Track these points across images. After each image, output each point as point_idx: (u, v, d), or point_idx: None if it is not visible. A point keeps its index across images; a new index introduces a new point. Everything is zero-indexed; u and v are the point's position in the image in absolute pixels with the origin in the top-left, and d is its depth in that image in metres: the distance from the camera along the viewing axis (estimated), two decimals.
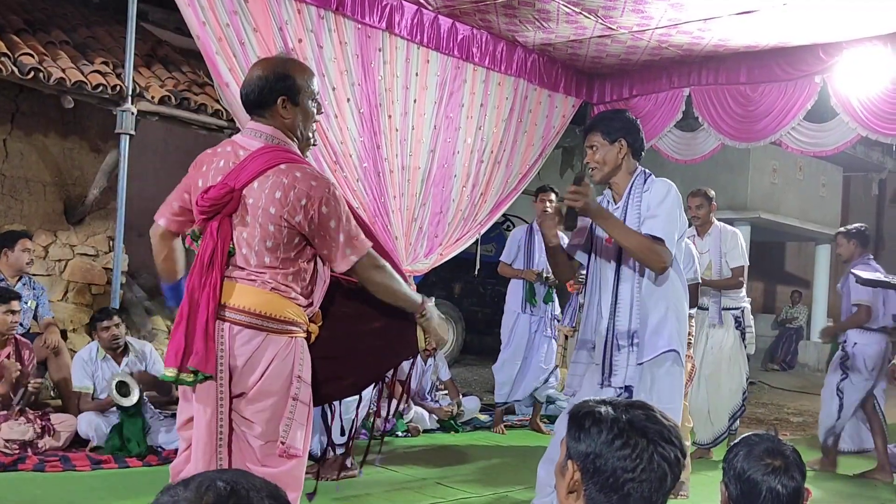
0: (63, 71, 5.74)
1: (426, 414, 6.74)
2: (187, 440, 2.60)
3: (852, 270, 5.83)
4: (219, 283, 2.49)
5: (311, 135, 2.71)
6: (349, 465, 4.09)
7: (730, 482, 2.01)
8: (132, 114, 5.82)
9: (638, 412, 1.63)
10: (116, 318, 5.49)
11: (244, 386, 2.51)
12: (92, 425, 5.25)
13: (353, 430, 3.35)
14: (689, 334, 5.17)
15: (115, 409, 5.27)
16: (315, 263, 2.64)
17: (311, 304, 2.64)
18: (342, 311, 2.79)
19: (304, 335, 2.64)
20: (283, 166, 2.50)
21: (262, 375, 2.51)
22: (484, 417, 7.26)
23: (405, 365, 3.10)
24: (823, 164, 12.96)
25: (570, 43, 7.47)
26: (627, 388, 3.41)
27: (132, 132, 5.84)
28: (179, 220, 2.67)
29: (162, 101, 6.13)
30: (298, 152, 2.63)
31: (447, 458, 5.78)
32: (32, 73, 5.54)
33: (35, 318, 5.92)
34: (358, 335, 2.81)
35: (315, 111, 2.69)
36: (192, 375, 2.46)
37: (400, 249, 6.80)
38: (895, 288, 5.40)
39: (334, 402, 2.97)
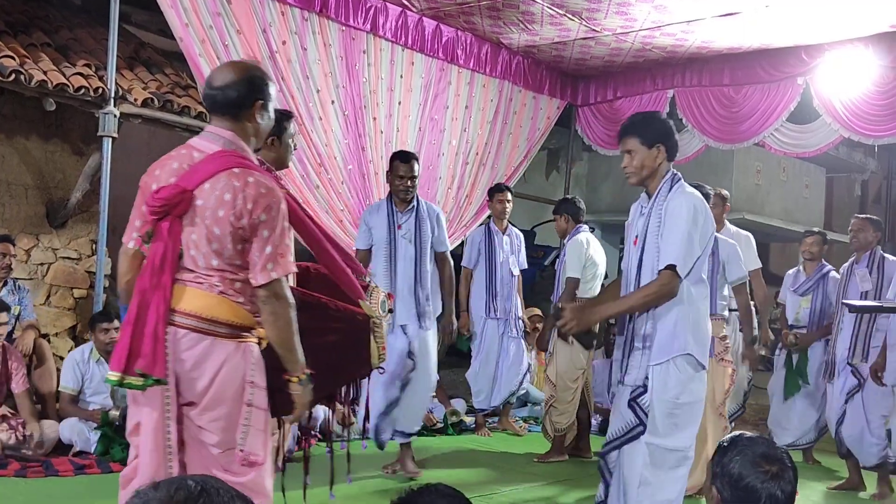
0: (45, 73, 5.70)
1: None
2: (137, 447, 2.54)
3: (844, 301, 5.63)
4: (170, 286, 2.45)
5: (262, 141, 2.73)
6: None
7: (723, 487, 1.98)
8: (115, 116, 5.77)
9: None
10: (117, 322, 5.42)
11: (193, 394, 2.46)
12: (75, 430, 5.20)
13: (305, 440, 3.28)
14: (725, 338, 5.21)
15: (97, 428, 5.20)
16: None
17: (259, 314, 2.57)
18: (299, 323, 2.68)
19: (256, 341, 2.58)
20: (236, 170, 2.48)
21: (211, 382, 2.46)
22: (470, 420, 7.25)
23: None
24: (807, 166, 13.05)
25: (555, 45, 7.49)
26: (644, 387, 3.40)
27: (115, 135, 5.79)
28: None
29: (145, 104, 6.09)
30: (254, 160, 2.63)
31: (433, 462, 5.77)
32: (13, 76, 5.49)
33: (17, 319, 5.86)
34: (312, 349, 2.70)
35: (273, 119, 2.72)
36: (141, 379, 2.39)
37: None
38: (889, 311, 5.21)
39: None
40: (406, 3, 6.67)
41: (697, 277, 3.43)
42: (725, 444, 2.05)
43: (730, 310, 5.56)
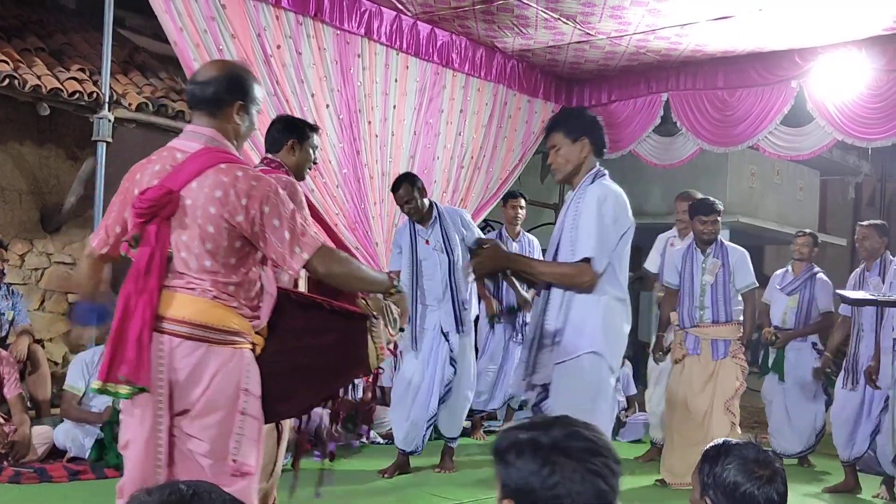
0: (39, 78, 5.69)
1: None
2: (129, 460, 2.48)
3: (838, 292, 5.64)
4: (156, 290, 2.37)
5: (244, 143, 2.67)
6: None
7: (717, 497, 1.95)
8: (109, 121, 5.77)
9: (557, 431, 1.56)
10: None
11: (187, 402, 2.39)
12: (69, 436, 5.18)
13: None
14: (740, 338, 5.38)
15: (103, 426, 5.16)
16: (260, 276, 2.53)
17: (257, 318, 2.52)
18: (292, 325, 2.66)
19: (250, 346, 2.52)
20: (223, 165, 2.42)
21: (205, 389, 2.39)
22: (465, 423, 7.24)
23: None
24: (801, 168, 13.06)
25: (549, 49, 7.50)
26: (545, 387, 3.33)
27: (109, 139, 5.78)
28: (116, 242, 2.57)
29: (139, 108, 6.08)
30: (238, 154, 2.56)
31: (427, 464, 5.76)
32: (7, 81, 5.48)
33: (12, 325, 5.84)
34: (308, 350, 2.67)
35: (255, 124, 2.67)
36: (126, 387, 2.33)
37: (381, 255, 6.78)
38: (886, 304, 5.16)
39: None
40: (400, 7, 6.67)
41: (613, 277, 3.31)
42: (712, 453, 2.01)
43: None
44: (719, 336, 5.41)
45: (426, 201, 5.40)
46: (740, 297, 5.50)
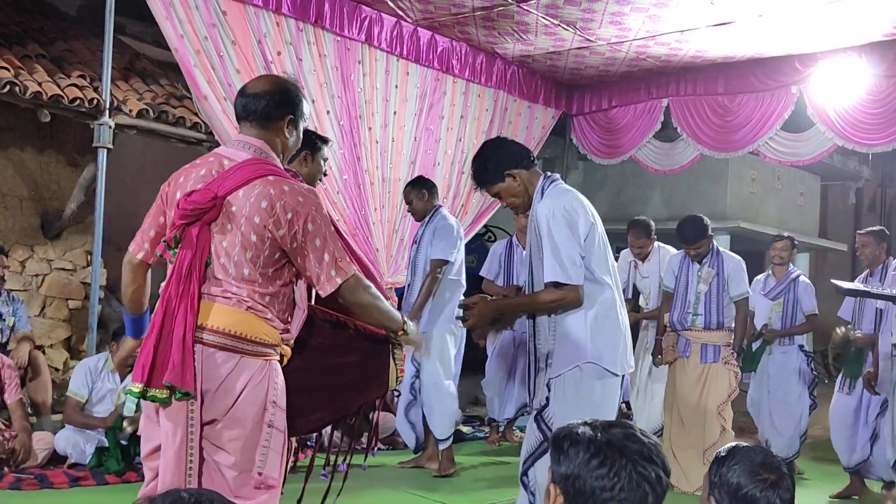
0: (39, 84, 5.69)
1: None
2: (154, 470, 2.46)
3: (832, 281, 5.72)
4: (197, 294, 2.37)
5: (289, 157, 2.72)
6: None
7: (722, 497, 1.96)
8: (110, 127, 5.77)
9: (616, 431, 1.61)
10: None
11: (216, 412, 2.38)
12: (70, 442, 5.17)
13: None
14: (729, 344, 5.46)
15: (107, 431, 5.14)
16: (293, 290, 2.55)
17: (287, 331, 2.54)
18: (319, 343, 2.69)
19: (278, 358, 2.53)
20: (271, 178, 2.44)
21: (235, 401, 2.38)
22: (467, 429, 7.23)
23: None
24: (801, 174, 13.06)
25: (550, 55, 7.51)
26: (546, 400, 3.34)
27: (110, 146, 5.79)
28: (152, 246, 2.58)
29: (140, 115, 6.09)
30: (282, 169, 2.58)
31: (428, 472, 5.74)
32: (8, 87, 5.49)
33: (12, 331, 5.84)
34: (333, 368, 2.71)
35: (301, 138, 2.70)
36: (166, 392, 2.32)
37: (381, 261, 6.78)
38: (879, 297, 5.18)
39: None
40: (401, 13, 6.68)
41: (592, 280, 3.29)
42: (723, 454, 2.04)
43: None
44: (709, 341, 5.52)
45: (424, 204, 5.68)
46: (733, 305, 5.59)
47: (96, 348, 5.64)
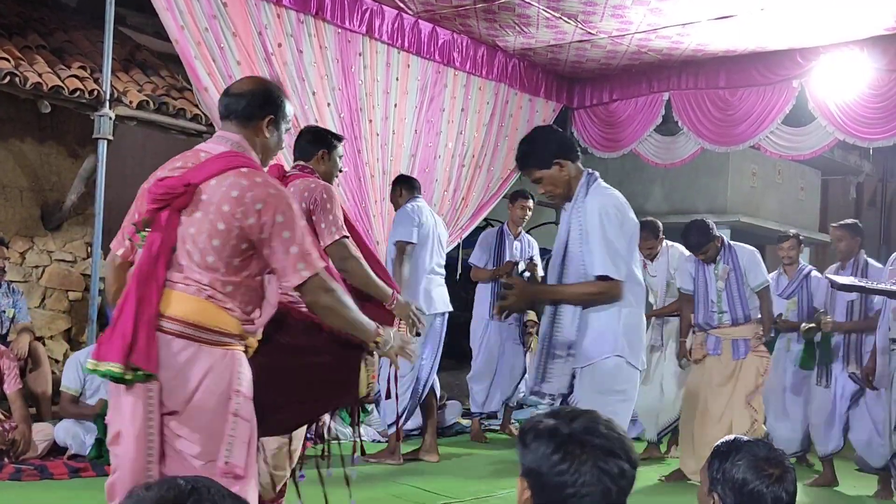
0: (40, 76, 5.68)
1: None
2: (118, 457, 2.45)
3: (826, 275, 5.84)
4: (162, 278, 2.38)
5: (270, 160, 2.72)
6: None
7: (725, 493, 1.93)
8: (110, 119, 5.76)
9: (579, 424, 1.59)
10: None
11: (176, 402, 2.37)
12: (70, 433, 5.18)
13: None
14: (758, 334, 5.47)
15: (95, 419, 5.17)
16: (262, 284, 2.53)
17: (250, 322, 2.51)
18: (287, 342, 2.65)
19: (242, 348, 2.50)
20: (244, 169, 2.46)
21: (195, 390, 2.37)
22: (466, 422, 7.24)
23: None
24: (802, 168, 13.06)
25: (551, 48, 7.49)
26: (563, 397, 3.37)
27: (110, 137, 5.78)
28: (132, 242, 2.58)
29: (140, 106, 6.08)
30: (260, 166, 2.60)
31: (426, 465, 5.76)
32: (8, 78, 5.48)
33: (13, 322, 5.84)
34: (298, 370, 2.66)
35: (284, 140, 2.72)
36: (131, 373, 2.32)
37: (381, 254, 6.78)
38: (872, 292, 5.24)
39: None
40: (402, 5, 6.67)
41: (630, 278, 3.37)
42: (723, 449, 2.01)
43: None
44: (739, 336, 5.52)
45: (401, 201, 5.80)
46: (756, 295, 5.63)
47: (96, 339, 5.64)
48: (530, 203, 6.77)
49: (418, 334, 3.63)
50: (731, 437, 2.06)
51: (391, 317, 3.60)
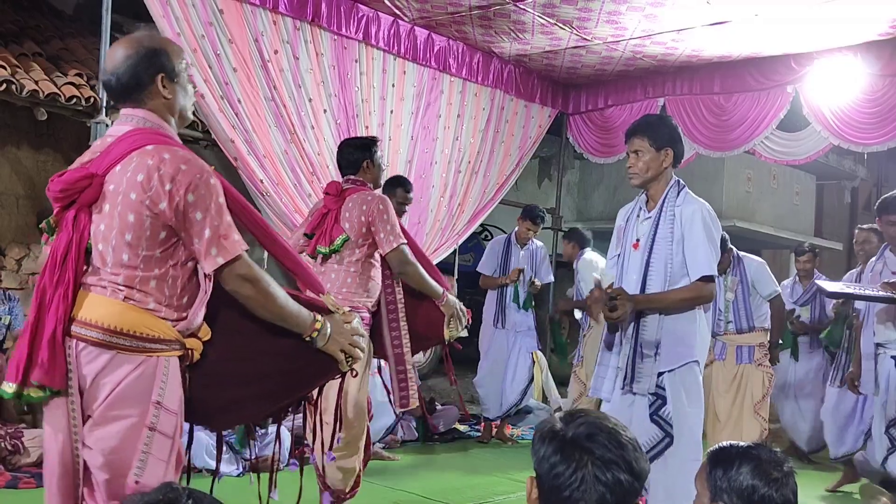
0: (36, 83, 5.69)
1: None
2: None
3: (816, 282, 5.99)
4: (72, 285, 2.14)
5: (190, 115, 2.44)
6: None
7: (732, 501, 1.90)
8: (106, 126, 5.75)
9: (583, 429, 1.59)
10: None
11: (90, 410, 2.16)
12: None
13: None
14: (763, 345, 5.74)
15: None
16: (195, 270, 2.27)
17: (182, 319, 2.24)
18: (241, 326, 2.35)
19: (174, 353, 2.23)
20: (149, 147, 2.17)
21: (106, 397, 2.14)
22: (463, 428, 7.24)
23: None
24: (797, 173, 13.09)
25: (546, 54, 7.51)
26: (660, 397, 3.39)
27: None
28: None
29: None
30: (175, 135, 2.32)
31: (427, 470, 5.76)
32: (5, 86, 5.48)
33: (9, 329, 5.84)
34: (260, 354, 2.41)
35: (192, 86, 2.45)
36: (39, 391, 2.11)
37: None
38: (861, 298, 5.24)
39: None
40: (398, 12, 6.68)
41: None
42: (722, 456, 1.96)
43: None
44: (744, 342, 5.79)
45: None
46: (765, 305, 5.84)
47: None
48: (536, 228, 6.85)
49: (466, 328, 4.04)
50: (726, 444, 2.02)
51: (442, 314, 4.00)
